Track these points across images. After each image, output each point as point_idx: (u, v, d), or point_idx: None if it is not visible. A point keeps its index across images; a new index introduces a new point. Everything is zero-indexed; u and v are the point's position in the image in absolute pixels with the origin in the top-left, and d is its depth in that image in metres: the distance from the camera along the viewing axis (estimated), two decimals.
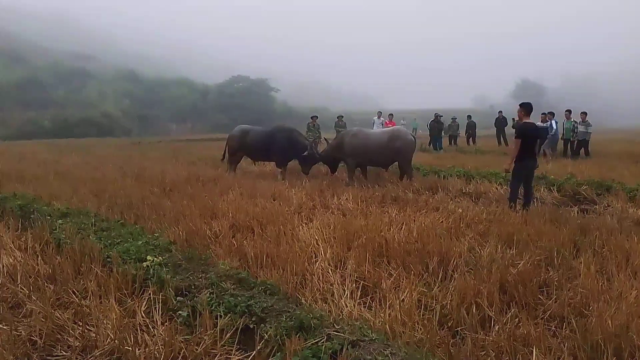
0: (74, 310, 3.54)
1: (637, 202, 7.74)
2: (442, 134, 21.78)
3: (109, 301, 3.59)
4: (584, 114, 15.34)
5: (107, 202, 7.84)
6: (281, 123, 12.75)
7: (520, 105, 7.67)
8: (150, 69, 71.00)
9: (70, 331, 3.25)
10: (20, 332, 3.30)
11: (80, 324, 3.33)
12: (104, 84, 60.75)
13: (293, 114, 62.89)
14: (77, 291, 3.88)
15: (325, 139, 12.06)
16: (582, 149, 15.42)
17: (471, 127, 23.58)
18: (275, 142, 11.15)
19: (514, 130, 17.97)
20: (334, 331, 2.84)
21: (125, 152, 21.99)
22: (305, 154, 10.92)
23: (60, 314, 3.45)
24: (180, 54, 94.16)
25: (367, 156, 10.21)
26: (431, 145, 21.46)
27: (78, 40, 76.88)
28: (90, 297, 3.73)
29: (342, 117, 19.65)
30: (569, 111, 15.44)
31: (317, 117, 17.31)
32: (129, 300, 3.68)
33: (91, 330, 3.24)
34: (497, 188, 9.24)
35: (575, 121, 15.38)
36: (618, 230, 5.70)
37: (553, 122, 14.98)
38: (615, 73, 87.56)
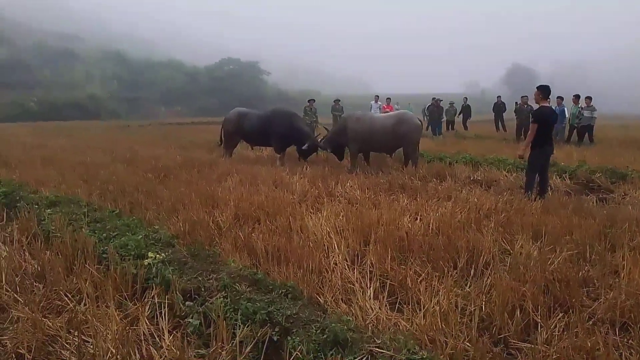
0: (67, 317, 3.10)
1: None
2: (442, 118, 21.33)
3: (107, 306, 3.15)
4: (589, 98, 14.93)
5: (98, 189, 7.37)
6: (280, 107, 12.17)
7: (537, 88, 7.24)
8: (138, 51, 69.53)
9: (64, 343, 2.82)
10: (6, 343, 2.87)
11: (76, 334, 2.89)
12: (90, 65, 59.54)
13: (284, 97, 62.14)
14: (70, 293, 3.44)
15: (325, 128, 11.57)
16: (587, 134, 15.09)
17: (467, 111, 23.09)
18: (275, 127, 10.65)
19: (515, 115, 17.85)
20: (375, 347, 2.44)
21: (113, 135, 21.35)
22: (304, 147, 10.44)
23: (51, 322, 3.02)
24: (168, 35, 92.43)
25: (372, 142, 9.76)
26: (429, 130, 21.06)
27: (64, 20, 74.92)
28: (85, 301, 3.28)
29: (339, 100, 19.13)
30: (577, 96, 15.04)
31: (314, 100, 16.81)
32: (130, 304, 3.26)
33: (88, 342, 2.81)
34: (506, 175, 8.90)
35: (580, 107, 15.04)
36: None
37: (565, 108, 14.65)
38: (605, 60, 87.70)
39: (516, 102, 18.27)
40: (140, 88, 58.58)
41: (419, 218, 5.50)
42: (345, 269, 4.02)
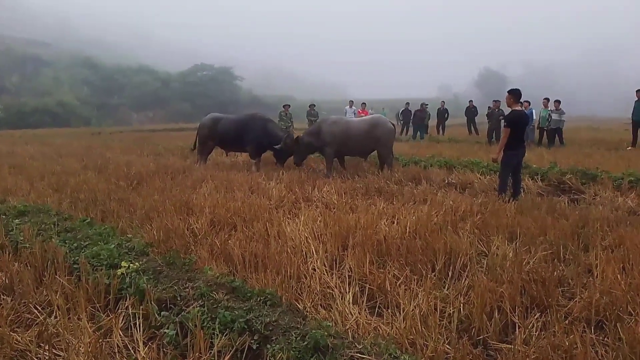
0: (37, 330, 2.98)
1: (624, 191, 7.61)
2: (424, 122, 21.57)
3: (79, 318, 3.05)
4: (558, 102, 15.37)
5: (69, 197, 7.19)
6: (255, 112, 12.07)
7: (508, 92, 7.35)
8: (109, 56, 68.36)
9: (35, 358, 2.71)
10: None
11: (46, 347, 2.78)
12: (59, 71, 58.21)
13: (259, 102, 61.86)
14: (40, 305, 3.33)
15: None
16: (557, 136, 15.47)
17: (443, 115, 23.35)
18: (250, 132, 10.57)
19: (487, 119, 18.17)
20: (357, 352, 2.42)
21: (84, 142, 20.87)
22: (277, 147, 10.38)
23: (20, 336, 2.90)
24: (140, 41, 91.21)
25: (347, 145, 9.78)
26: (403, 134, 21.34)
27: (31, 26, 73.36)
28: (56, 313, 3.17)
29: (314, 105, 19.18)
30: (547, 99, 15.45)
31: (289, 105, 16.76)
32: (103, 316, 3.16)
33: (60, 356, 2.71)
34: (480, 178, 9.01)
35: (550, 110, 15.42)
36: (617, 222, 5.50)
37: (533, 110, 15.02)
38: (574, 63, 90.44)
39: (489, 107, 18.64)
40: (111, 94, 57.52)
41: (396, 221, 5.51)
42: (324, 274, 4.00)
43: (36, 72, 56.23)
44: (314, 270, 4.06)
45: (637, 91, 14.21)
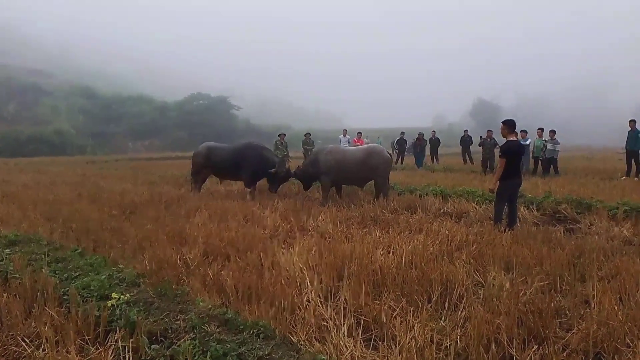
0: None
1: (619, 221, 7.61)
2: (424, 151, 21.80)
3: (68, 351, 2.97)
4: (553, 131, 15.55)
5: (61, 227, 7.12)
6: (251, 140, 12.14)
7: (503, 122, 7.41)
8: (107, 85, 69.15)
9: None
10: None
11: None
12: (57, 100, 58.71)
13: (256, 131, 62.33)
14: (29, 338, 3.24)
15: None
16: (552, 166, 15.57)
17: (435, 144, 23.58)
18: (245, 160, 10.59)
19: (480, 148, 18.33)
20: None
21: (79, 171, 20.85)
22: (272, 170, 10.41)
23: None
24: (138, 70, 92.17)
25: (344, 174, 9.81)
26: (399, 162, 21.48)
27: (31, 55, 74.19)
28: (44, 346, 3.10)
29: (310, 134, 19.32)
30: (541, 129, 15.62)
31: (284, 134, 16.88)
32: (92, 349, 3.08)
33: None
34: (476, 207, 9.00)
35: (545, 139, 15.58)
36: (613, 252, 5.48)
37: (529, 140, 15.19)
38: (566, 93, 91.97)
39: (481, 137, 18.85)
40: (108, 123, 57.90)
41: (391, 251, 5.47)
42: (319, 305, 3.94)
43: (35, 101, 56.68)
44: (309, 301, 4.01)
45: (629, 121, 14.39)
